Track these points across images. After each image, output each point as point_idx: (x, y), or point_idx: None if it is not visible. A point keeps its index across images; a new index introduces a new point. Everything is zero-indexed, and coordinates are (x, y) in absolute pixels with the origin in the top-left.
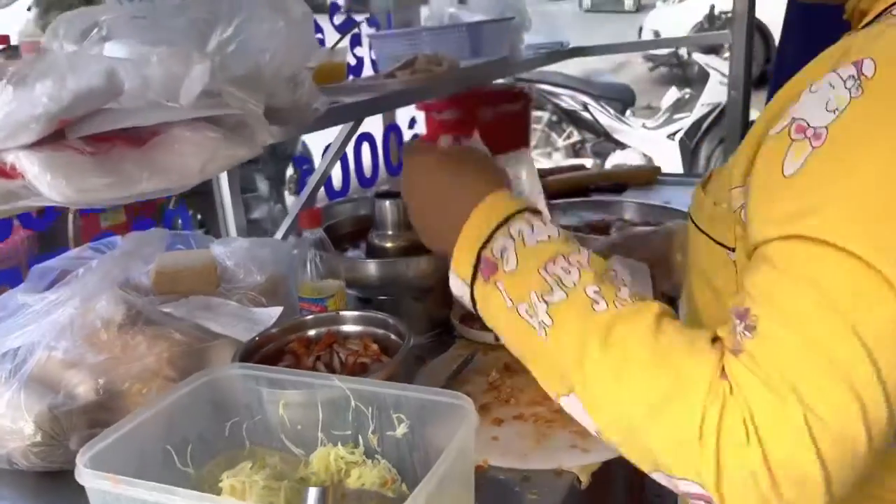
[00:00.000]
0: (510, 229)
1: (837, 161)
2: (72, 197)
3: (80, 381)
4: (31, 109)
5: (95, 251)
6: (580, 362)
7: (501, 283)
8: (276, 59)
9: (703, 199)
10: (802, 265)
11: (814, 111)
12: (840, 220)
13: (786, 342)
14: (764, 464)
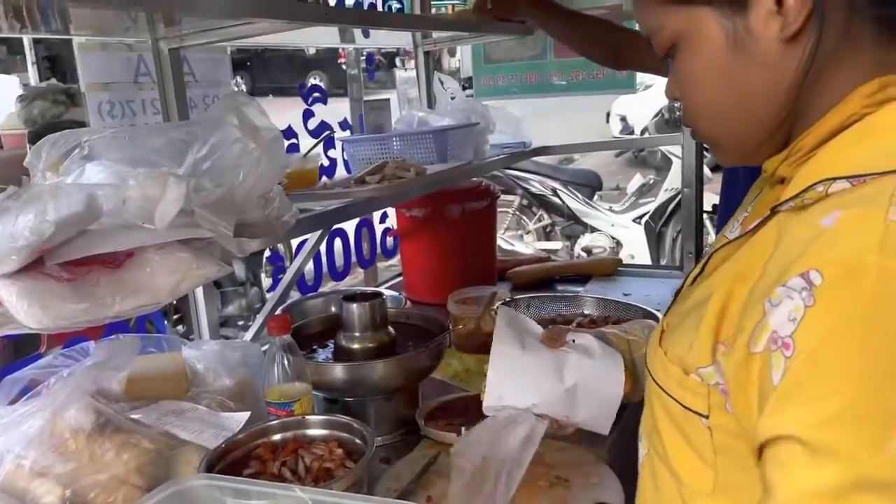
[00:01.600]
0: None
1: (809, 365)
2: (47, 324)
3: (46, 491)
4: (13, 242)
5: (67, 357)
6: None
7: None
8: (249, 181)
9: (667, 363)
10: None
11: (780, 322)
12: (816, 419)
13: None
14: None
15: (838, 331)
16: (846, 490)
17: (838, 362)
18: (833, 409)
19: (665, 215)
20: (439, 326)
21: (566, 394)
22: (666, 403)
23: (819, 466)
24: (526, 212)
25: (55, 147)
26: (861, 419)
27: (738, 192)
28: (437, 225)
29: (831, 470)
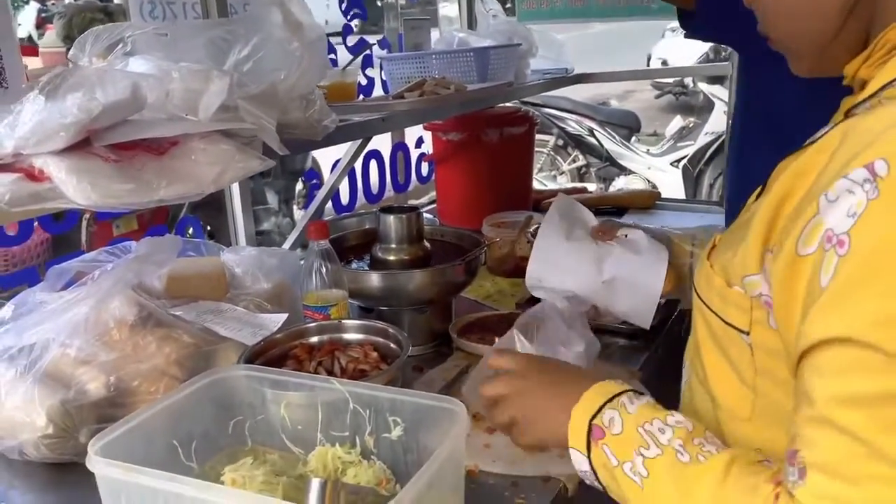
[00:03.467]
0: (616, 403)
1: (863, 265)
2: (96, 201)
3: (91, 378)
4: (62, 119)
5: (110, 255)
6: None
7: (608, 446)
8: (290, 79)
9: (711, 274)
10: (835, 375)
11: (837, 219)
12: (869, 321)
13: (826, 491)
14: None
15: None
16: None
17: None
18: (891, 309)
19: (704, 159)
20: (474, 243)
21: (604, 285)
22: (708, 320)
23: (867, 370)
24: (560, 152)
25: (98, 40)
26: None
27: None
28: (473, 150)
29: (882, 373)
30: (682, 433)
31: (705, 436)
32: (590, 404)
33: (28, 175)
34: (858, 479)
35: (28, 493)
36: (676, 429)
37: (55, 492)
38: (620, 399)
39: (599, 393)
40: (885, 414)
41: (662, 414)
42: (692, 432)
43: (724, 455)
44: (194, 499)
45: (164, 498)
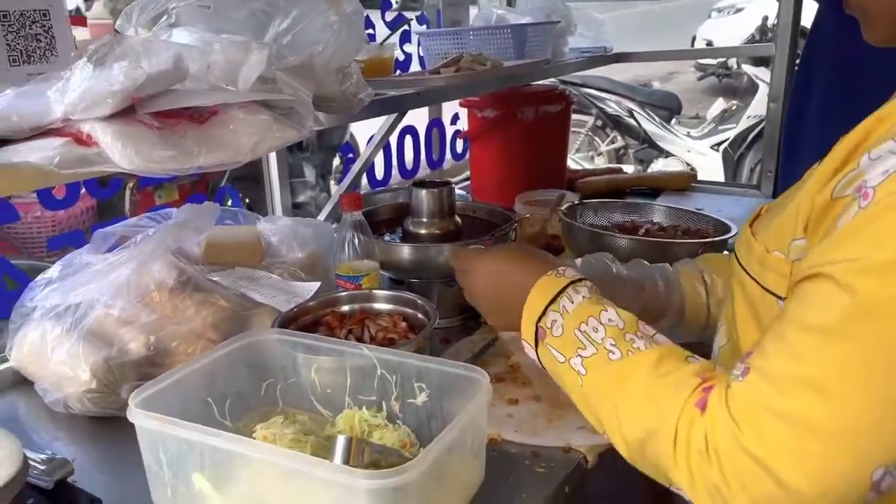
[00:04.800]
0: (557, 304)
1: (877, 218)
2: (139, 165)
3: (132, 338)
4: (109, 86)
5: (152, 220)
6: (601, 404)
7: (551, 346)
8: (328, 52)
9: (752, 242)
10: (806, 303)
11: (873, 175)
12: (854, 266)
13: (761, 392)
14: (723, 480)
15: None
16: (854, 330)
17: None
18: (880, 259)
19: (745, 143)
20: (505, 219)
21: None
22: (745, 286)
23: (833, 307)
24: (599, 133)
25: (144, 12)
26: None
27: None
28: (509, 127)
29: (844, 313)
30: (614, 331)
31: (636, 331)
32: (535, 305)
33: (76, 139)
34: (785, 392)
35: (71, 444)
36: (608, 327)
37: (96, 444)
38: (561, 300)
39: (543, 293)
40: (833, 350)
41: (598, 310)
42: (623, 329)
43: (653, 352)
44: (228, 451)
45: (199, 449)
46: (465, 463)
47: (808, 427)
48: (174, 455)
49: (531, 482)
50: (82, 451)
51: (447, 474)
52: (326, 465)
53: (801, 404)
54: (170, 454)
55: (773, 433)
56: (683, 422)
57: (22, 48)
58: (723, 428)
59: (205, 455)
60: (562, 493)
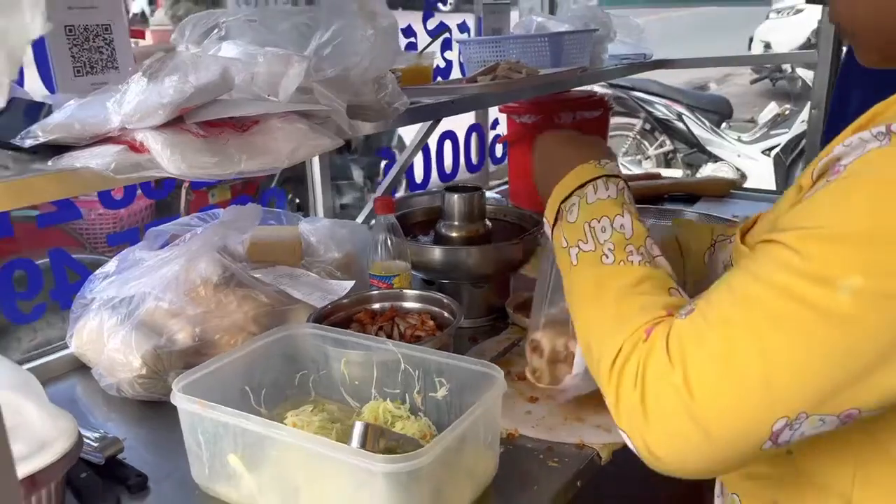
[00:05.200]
0: (583, 191)
1: (837, 192)
2: (185, 171)
3: (180, 329)
4: (160, 99)
5: (200, 220)
6: (579, 299)
7: (562, 230)
8: (364, 63)
9: (740, 248)
10: (760, 259)
11: (848, 159)
12: (808, 236)
13: (699, 330)
14: (641, 405)
15: (885, 175)
16: (793, 287)
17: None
18: (829, 230)
19: (798, 148)
20: (534, 223)
21: None
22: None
23: (783, 267)
24: (647, 136)
25: (197, 26)
26: (844, 251)
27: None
28: None
29: (793, 268)
30: (619, 238)
31: (639, 246)
32: (567, 186)
33: (131, 147)
34: (716, 330)
35: (122, 424)
36: (616, 232)
37: (144, 425)
38: (587, 188)
39: (577, 176)
40: (768, 299)
41: (614, 213)
42: (630, 239)
43: (643, 269)
44: (259, 434)
45: (233, 432)
46: (479, 454)
47: (728, 367)
48: (211, 436)
49: (544, 475)
50: (132, 431)
51: (460, 463)
52: (345, 449)
53: (727, 344)
54: (207, 435)
55: (697, 371)
56: (628, 343)
57: (86, 60)
58: (656, 359)
59: (238, 437)
60: (573, 487)
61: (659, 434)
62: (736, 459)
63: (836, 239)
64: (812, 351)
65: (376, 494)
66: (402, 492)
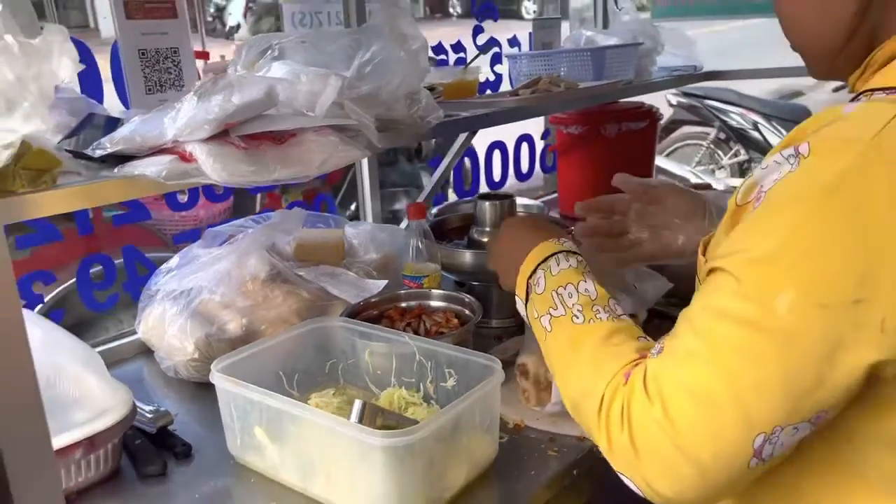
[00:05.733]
0: (546, 265)
1: (762, 217)
2: (226, 178)
3: (230, 319)
4: (206, 115)
5: (254, 222)
6: (558, 360)
7: (534, 303)
8: (395, 81)
9: (701, 263)
10: (709, 291)
11: (767, 182)
12: (742, 257)
13: (669, 366)
14: (631, 445)
15: (798, 195)
16: (740, 311)
17: (785, 220)
18: (760, 251)
19: None
20: (563, 229)
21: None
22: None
23: (726, 293)
24: (721, 146)
25: (252, 48)
26: (773, 270)
27: None
28: (593, 143)
29: (735, 294)
30: (585, 300)
31: (605, 304)
32: (531, 263)
33: (181, 157)
34: (685, 365)
35: (177, 402)
36: (582, 295)
37: (194, 403)
38: (550, 262)
39: (540, 252)
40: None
41: (577, 279)
42: (595, 300)
43: (612, 323)
44: (279, 409)
45: (258, 408)
46: (476, 437)
47: (701, 397)
48: (242, 411)
49: (542, 463)
50: (183, 407)
51: (457, 443)
52: (345, 423)
53: (696, 376)
54: (239, 410)
55: (674, 404)
56: (610, 388)
57: (156, 80)
58: (637, 399)
59: (263, 412)
60: (569, 475)
61: (652, 469)
62: (729, 482)
63: (765, 260)
64: (769, 369)
65: (375, 466)
66: (398, 464)
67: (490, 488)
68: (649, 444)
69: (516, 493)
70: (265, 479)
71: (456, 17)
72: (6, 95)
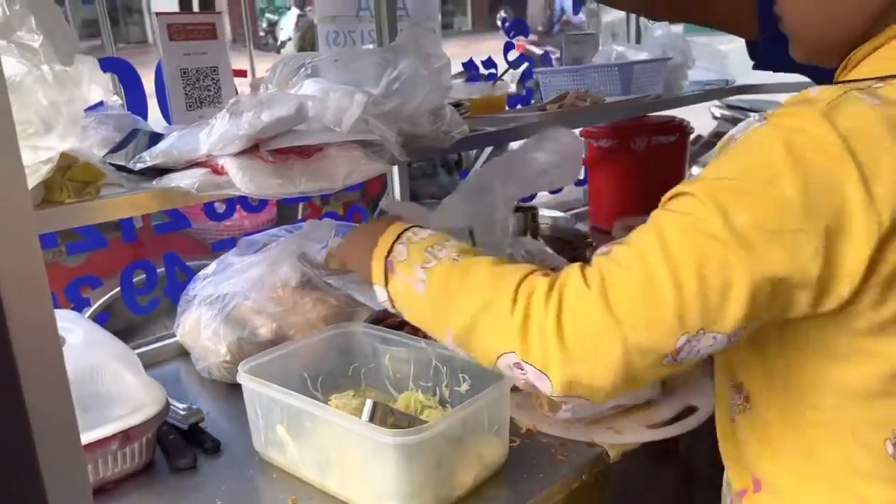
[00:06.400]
0: (402, 238)
1: (728, 155)
2: (254, 190)
3: (262, 324)
4: (237, 131)
5: (287, 231)
6: (445, 295)
7: (400, 272)
8: (417, 97)
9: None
10: (667, 206)
11: (739, 134)
12: (704, 183)
13: (618, 256)
14: (556, 323)
15: (760, 140)
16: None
17: (746, 157)
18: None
19: None
20: (584, 238)
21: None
22: None
23: (689, 204)
24: None
25: (286, 66)
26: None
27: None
28: (622, 156)
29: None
30: (461, 248)
31: (479, 253)
32: (384, 246)
33: (213, 170)
34: (633, 250)
35: (210, 400)
36: (453, 247)
37: (226, 402)
38: (406, 235)
39: (392, 233)
40: (680, 232)
41: (444, 239)
42: (467, 250)
43: (494, 258)
44: (298, 408)
45: (280, 406)
46: (485, 439)
47: (646, 282)
48: (265, 409)
49: (551, 467)
50: (215, 406)
51: (465, 445)
52: (356, 422)
53: (646, 263)
54: (263, 409)
55: (616, 285)
56: (525, 284)
57: (196, 97)
58: (573, 283)
59: (284, 411)
60: (577, 480)
61: (575, 350)
62: (642, 374)
63: (725, 183)
64: (710, 268)
65: (386, 463)
66: (407, 461)
67: (499, 489)
68: (579, 321)
69: (524, 495)
70: (286, 474)
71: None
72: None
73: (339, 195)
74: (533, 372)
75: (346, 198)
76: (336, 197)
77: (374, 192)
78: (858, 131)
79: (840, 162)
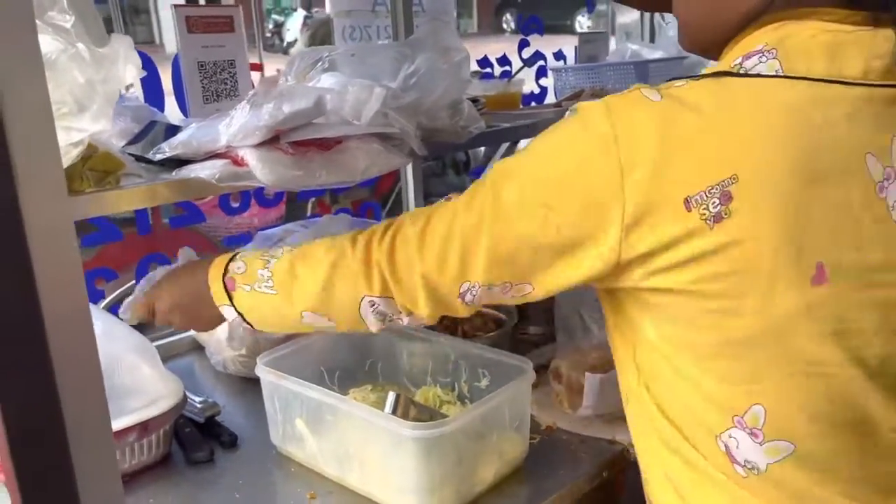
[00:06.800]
0: (235, 257)
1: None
2: (274, 182)
3: None
4: (257, 122)
5: (302, 226)
6: (286, 287)
7: (240, 283)
8: (437, 91)
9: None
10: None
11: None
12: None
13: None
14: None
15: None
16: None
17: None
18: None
19: None
20: None
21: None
22: None
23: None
24: None
25: (304, 60)
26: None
27: None
28: None
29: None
30: (290, 245)
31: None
32: (217, 272)
33: (234, 161)
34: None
35: (225, 394)
36: (285, 246)
37: (241, 396)
38: (238, 254)
39: (220, 262)
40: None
41: (269, 254)
42: (300, 243)
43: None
44: (319, 401)
45: (299, 399)
46: (506, 435)
47: (444, 238)
48: (283, 402)
49: (572, 463)
50: (230, 400)
51: (486, 441)
52: (379, 414)
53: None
54: (282, 402)
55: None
56: (361, 235)
57: (213, 90)
58: (406, 224)
59: (304, 404)
60: (598, 477)
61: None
62: (447, 304)
63: (510, 164)
64: (485, 236)
65: (407, 456)
66: (427, 455)
67: (519, 486)
68: (399, 256)
69: (545, 492)
70: (304, 469)
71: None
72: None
73: (349, 192)
74: (382, 301)
75: (357, 195)
76: (346, 194)
77: (385, 188)
78: (628, 125)
79: (605, 152)
